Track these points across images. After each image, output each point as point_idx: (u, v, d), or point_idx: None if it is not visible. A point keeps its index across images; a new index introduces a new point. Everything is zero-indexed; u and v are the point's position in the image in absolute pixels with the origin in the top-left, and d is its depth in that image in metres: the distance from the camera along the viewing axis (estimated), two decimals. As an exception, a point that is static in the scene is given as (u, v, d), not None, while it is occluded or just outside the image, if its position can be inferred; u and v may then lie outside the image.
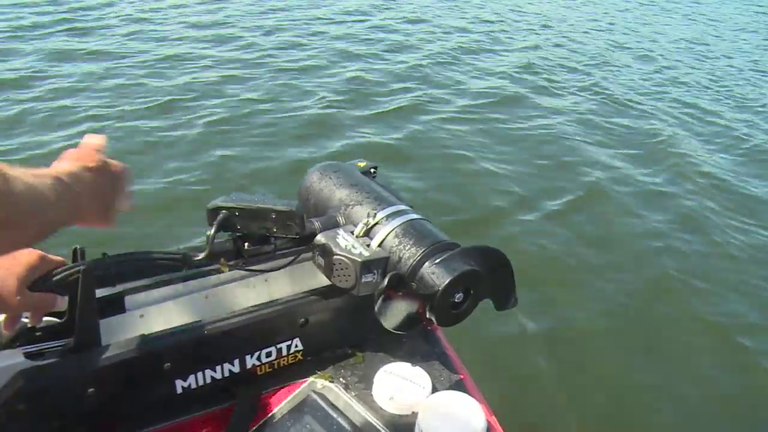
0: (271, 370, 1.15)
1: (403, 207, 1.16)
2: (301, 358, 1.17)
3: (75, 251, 1.00)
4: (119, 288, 1.08)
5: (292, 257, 1.17)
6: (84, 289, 0.95)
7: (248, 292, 1.22)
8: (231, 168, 4.12)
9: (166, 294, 1.15)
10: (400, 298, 1.05)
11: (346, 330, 1.21)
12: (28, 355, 0.95)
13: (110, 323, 1.07)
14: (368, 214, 1.13)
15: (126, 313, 1.11)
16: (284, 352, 1.15)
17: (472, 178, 4.38)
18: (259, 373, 1.13)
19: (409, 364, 1.14)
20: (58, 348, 0.99)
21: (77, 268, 0.94)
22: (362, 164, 1.30)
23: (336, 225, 1.15)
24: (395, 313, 1.06)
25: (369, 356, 1.20)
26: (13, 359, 0.94)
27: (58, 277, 0.94)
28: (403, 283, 1.04)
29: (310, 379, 1.15)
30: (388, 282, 1.01)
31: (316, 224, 1.14)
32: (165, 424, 1.06)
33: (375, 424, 1.06)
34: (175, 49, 6.31)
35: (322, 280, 1.20)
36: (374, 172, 1.31)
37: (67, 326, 1.02)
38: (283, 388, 1.14)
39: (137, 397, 1.02)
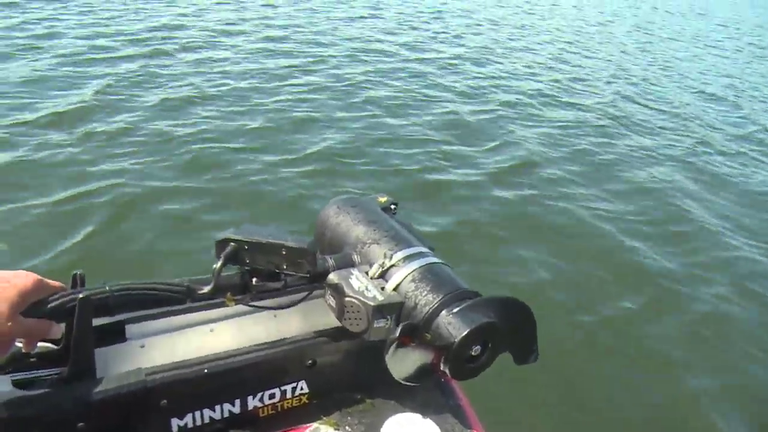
0: (273, 412, 1.09)
1: (422, 249, 1.10)
2: (306, 401, 1.11)
3: (75, 277, 0.96)
4: (121, 316, 1.03)
5: (303, 295, 1.11)
6: (80, 319, 0.91)
7: (256, 328, 1.16)
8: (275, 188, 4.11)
9: (169, 325, 1.10)
10: (413, 348, 0.99)
11: (356, 374, 1.15)
12: (17, 384, 0.91)
13: (109, 352, 1.02)
14: (385, 254, 1.07)
15: (126, 343, 1.06)
16: (289, 395, 1.09)
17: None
18: (260, 415, 1.07)
19: (420, 416, 1.07)
20: (51, 377, 0.95)
21: (74, 296, 0.90)
22: (383, 200, 1.25)
23: (351, 264, 1.10)
24: (407, 364, 1.00)
25: (378, 403, 1.13)
26: (0, 386, 0.89)
27: (55, 303, 0.89)
28: (416, 333, 0.97)
29: (315, 425, 1.08)
30: (400, 331, 0.95)
31: (330, 262, 1.08)
32: None
33: None
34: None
35: (334, 320, 1.14)
36: (395, 208, 1.25)
37: (63, 354, 0.98)
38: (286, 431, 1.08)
39: None
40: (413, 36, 9.47)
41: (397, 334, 0.95)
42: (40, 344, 0.98)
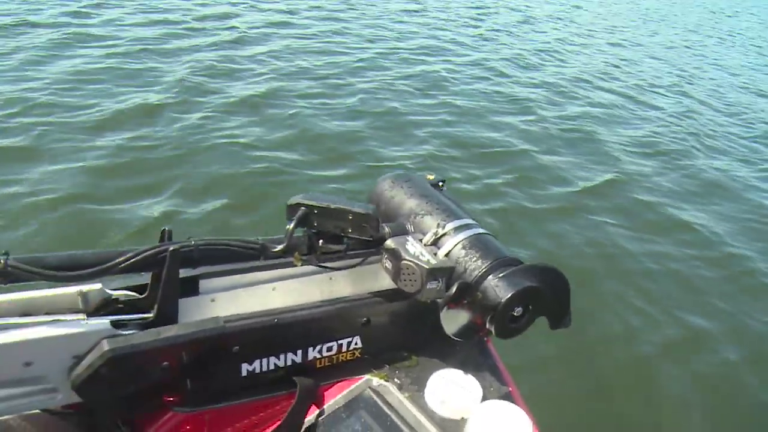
0: (330, 364, 1.20)
1: (470, 221, 1.21)
2: (359, 355, 1.23)
3: (163, 232, 1.07)
4: (195, 272, 1.14)
5: (361, 258, 1.22)
6: (170, 269, 1.02)
7: (312, 289, 1.27)
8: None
9: (236, 282, 1.21)
10: (463, 307, 1.10)
11: (404, 333, 1.26)
12: (114, 324, 1.02)
13: (184, 303, 1.13)
14: (437, 224, 1.18)
15: (199, 296, 1.17)
16: (344, 348, 1.20)
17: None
18: (318, 366, 1.19)
19: (461, 372, 1.18)
20: (139, 321, 1.06)
21: (165, 248, 1.01)
22: (431, 177, 1.36)
23: (405, 232, 1.21)
24: (457, 321, 1.11)
25: (423, 360, 1.25)
26: (100, 326, 1.00)
27: (147, 254, 1.01)
28: (469, 291, 1.08)
29: (367, 376, 1.19)
30: (457, 288, 1.06)
31: (386, 229, 1.19)
32: (227, 404, 1.12)
33: (426, 425, 1.10)
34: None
35: (383, 284, 1.26)
36: (443, 185, 1.36)
37: (147, 302, 1.09)
38: (340, 382, 1.19)
39: (205, 376, 1.08)
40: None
41: (454, 290, 1.06)
42: (125, 292, 1.10)
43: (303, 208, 1.11)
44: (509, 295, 1.07)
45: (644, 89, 8.05)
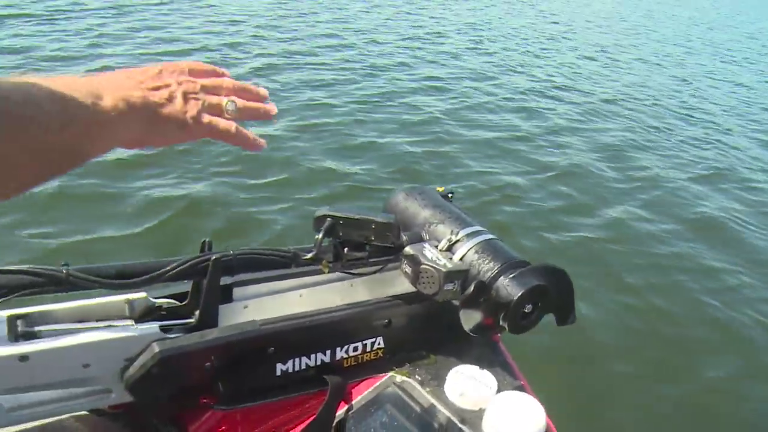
0: (356, 363, 1.30)
1: (480, 228, 1.32)
2: (382, 355, 1.32)
3: (203, 243, 1.17)
4: (229, 281, 1.24)
5: (381, 265, 1.33)
6: (212, 276, 1.12)
7: (335, 295, 1.38)
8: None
9: (266, 289, 1.31)
10: (479, 306, 1.20)
11: (423, 334, 1.36)
12: (161, 329, 1.12)
13: (221, 310, 1.23)
14: (451, 231, 1.29)
15: (233, 303, 1.27)
16: (368, 348, 1.30)
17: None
18: (345, 365, 1.28)
19: (477, 367, 1.28)
20: (183, 326, 1.16)
21: (208, 257, 1.11)
22: (441, 189, 1.47)
23: (421, 240, 1.31)
24: (474, 319, 1.21)
25: (441, 359, 1.34)
26: (150, 330, 1.09)
27: (192, 263, 1.11)
28: (485, 290, 1.19)
29: (390, 373, 1.29)
30: (474, 287, 1.17)
31: (404, 238, 1.30)
32: (263, 402, 1.21)
33: (447, 415, 1.20)
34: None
35: (400, 289, 1.36)
36: (451, 196, 1.47)
37: (188, 308, 1.19)
38: (366, 380, 1.29)
39: (244, 375, 1.17)
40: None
41: (472, 289, 1.17)
42: (167, 300, 1.20)
43: (329, 219, 1.21)
44: (520, 293, 1.17)
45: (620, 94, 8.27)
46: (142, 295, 1.14)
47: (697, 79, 10.20)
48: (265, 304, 1.30)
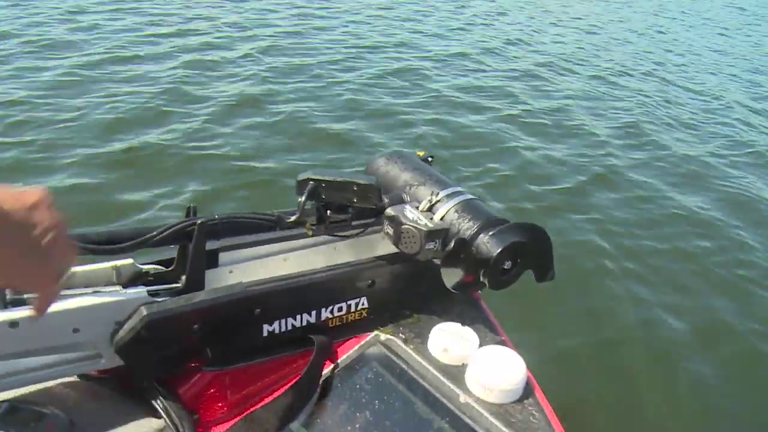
0: (340, 323, 1.32)
1: (460, 189, 1.34)
2: (366, 315, 1.35)
3: (188, 209, 1.18)
4: (215, 246, 1.26)
5: (364, 227, 1.35)
6: (197, 240, 1.14)
7: (319, 258, 1.40)
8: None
9: (251, 254, 1.33)
10: (459, 263, 1.23)
11: (406, 293, 1.39)
12: (149, 293, 1.13)
13: (207, 275, 1.24)
14: (431, 193, 1.31)
15: (219, 268, 1.29)
16: (353, 309, 1.33)
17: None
18: (330, 325, 1.31)
19: (459, 324, 1.32)
20: (171, 290, 1.18)
21: (193, 222, 1.13)
22: (421, 153, 1.49)
23: (402, 202, 1.34)
24: (455, 275, 1.25)
25: (424, 317, 1.38)
26: (138, 294, 1.11)
27: (177, 227, 1.12)
28: (465, 247, 1.22)
29: (375, 332, 1.32)
30: (454, 244, 1.20)
31: (385, 200, 1.32)
32: (251, 363, 1.24)
33: (431, 370, 1.24)
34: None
35: (382, 251, 1.39)
36: (431, 160, 1.49)
37: (174, 274, 1.21)
38: (351, 339, 1.32)
39: (231, 337, 1.20)
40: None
41: (452, 245, 1.20)
42: (153, 266, 1.21)
43: (312, 182, 1.23)
44: (500, 250, 1.20)
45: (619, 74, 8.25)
46: (128, 261, 1.16)
47: (702, 53, 10.15)
48: (250, 268, 1.32)
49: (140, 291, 1.12)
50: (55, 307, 1.02)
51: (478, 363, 1.22)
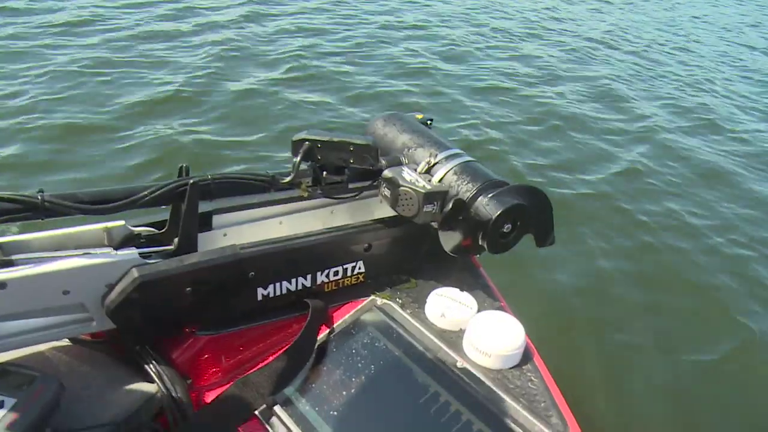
0: (336, 288, 1.30)
1: (459, 151, 1.31)
2: (362, 279, 1.33)
3: (181, 168, 1.15)
4: (209, 208, 1.23)
5: (359, 191, 1.32)
6: (190, 200, 1.11)
7: (315, 221, 1.37)
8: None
9: (246, 217, 1.30)
10: (458, 225, 1.21)
11: (403, 258, 1.36)
12: (141, 255, 1.11)
13: (200, 238, 1.22)
14: (430, 154, 1.28)
15: (212, 231, 1.26)
16: (349, 273, 1.30)
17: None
18: (326, 289, 1.29)
19: (457, 289, 1.30)
20: (163, 252, 1.15)
21: (185, 182, 1.10)
22: (420, 116, 1.45)
23: (399, 163, 1.30)
24: (454, 239, 1.22)
25: (421, 282, 1.36)
26: (130, 256, 1.09)
27: (170, 187, 1.09)
28: (463, 208, 1.19)
29: (371, 297, 1.30)
30: (453, 205, 1.17)
31: (383, 162, 1.29)
32: (245, 327, 1.22)
33: (427, 335, 1.22)
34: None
35: (379, 215, 1.36)
36: (430, 123, 1.45)
37: (167, 236, 1.18)
38: (347, 304, 1.30)
39: (225, 300, 1.18)
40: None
41: (450, 206, 1.17)
42: (145, 228, 1.19)
43: (307, 142, 1.19)
44: (499, 212, 1.17)
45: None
46: (120, 222, 1.13)
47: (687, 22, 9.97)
48: (244, 231, 1.30)
49: (132, 253, 1.10)
50: (45, 267, 1.00)
51: (475, 327, 1.20)
